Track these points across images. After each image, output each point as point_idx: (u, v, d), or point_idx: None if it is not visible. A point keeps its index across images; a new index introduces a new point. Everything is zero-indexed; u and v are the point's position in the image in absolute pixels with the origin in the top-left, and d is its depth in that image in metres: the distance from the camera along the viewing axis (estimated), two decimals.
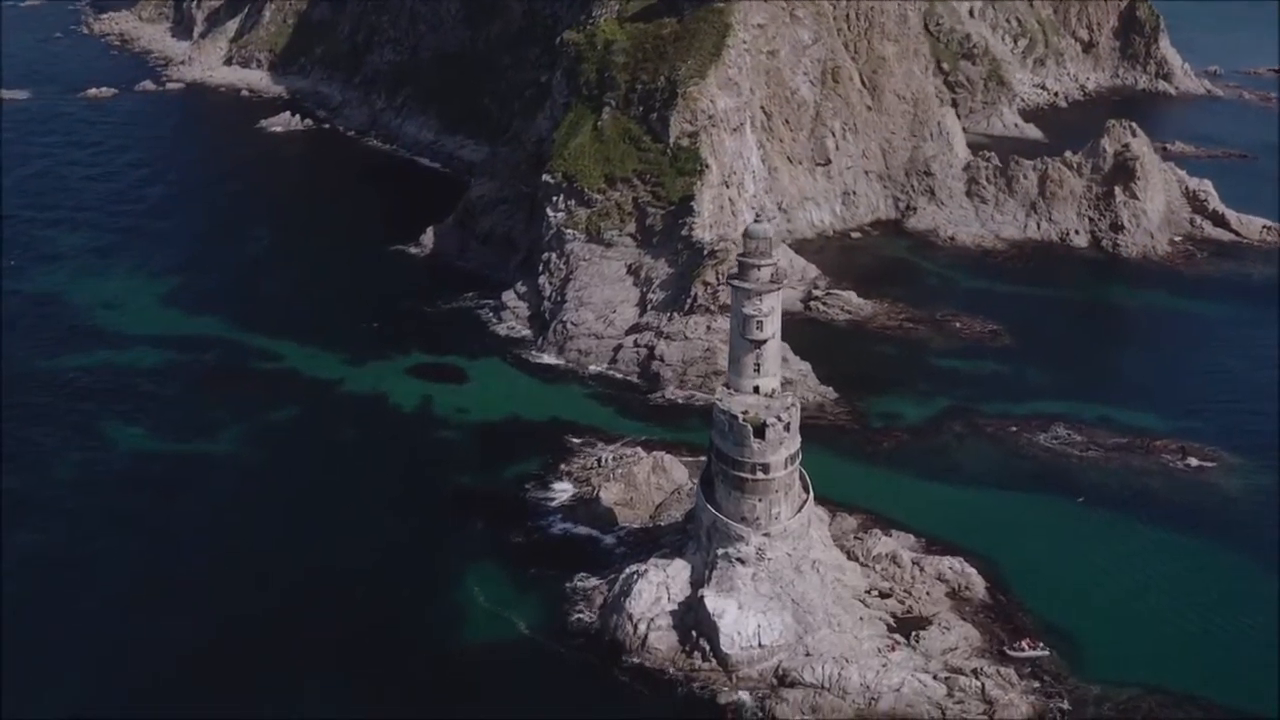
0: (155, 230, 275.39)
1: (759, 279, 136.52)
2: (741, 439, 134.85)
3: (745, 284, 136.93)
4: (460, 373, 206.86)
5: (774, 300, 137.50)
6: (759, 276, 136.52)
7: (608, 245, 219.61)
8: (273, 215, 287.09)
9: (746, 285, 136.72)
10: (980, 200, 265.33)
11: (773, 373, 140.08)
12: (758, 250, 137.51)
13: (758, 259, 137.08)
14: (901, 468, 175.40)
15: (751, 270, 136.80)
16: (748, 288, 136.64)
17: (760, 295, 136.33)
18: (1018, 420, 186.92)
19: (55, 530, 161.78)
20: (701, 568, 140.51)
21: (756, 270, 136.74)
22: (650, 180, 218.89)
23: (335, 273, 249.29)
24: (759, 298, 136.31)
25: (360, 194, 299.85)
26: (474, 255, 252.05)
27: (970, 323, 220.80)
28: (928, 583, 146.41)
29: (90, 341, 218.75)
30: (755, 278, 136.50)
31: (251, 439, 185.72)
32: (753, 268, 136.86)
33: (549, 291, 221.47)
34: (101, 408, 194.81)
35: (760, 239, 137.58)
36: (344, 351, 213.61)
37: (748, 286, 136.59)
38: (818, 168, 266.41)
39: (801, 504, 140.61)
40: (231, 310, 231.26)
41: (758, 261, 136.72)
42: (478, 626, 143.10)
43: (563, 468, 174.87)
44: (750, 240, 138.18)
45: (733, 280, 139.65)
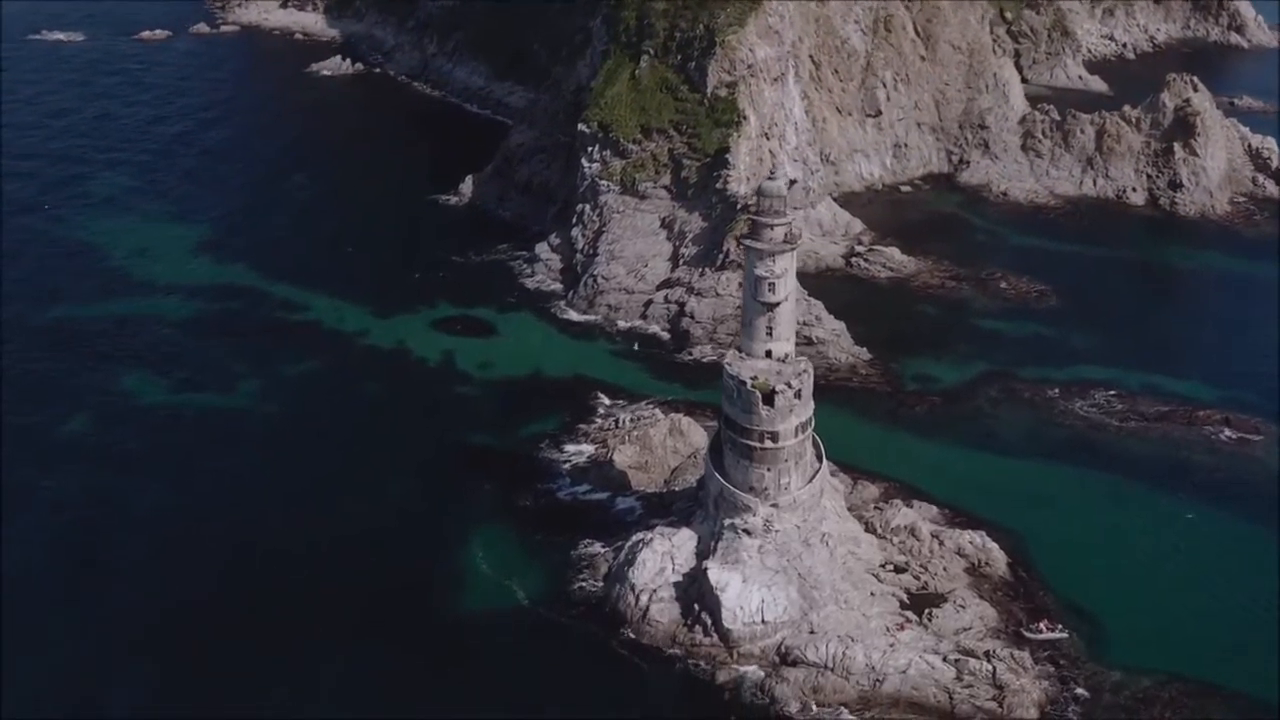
0: (195, 176, 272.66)
1: (772, 239, 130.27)
2: (750, 405, 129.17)
3: (758, 244, 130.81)
4: (487, 327, 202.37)
5: (787, 261, 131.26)
6: (772, 236, 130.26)
7: (642, 198, 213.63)
8: (314, 162, 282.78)
9: (759, 245, 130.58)
10: (1035, 155, 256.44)
11: (786, 337, 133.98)
12: (771, 209, 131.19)
13: (771, 218, 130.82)
14: (931, 434, 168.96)
15: (764, 229, 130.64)
16: (760, 248, 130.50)
17: (773, 256, 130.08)
18: (1057, 386, 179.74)
19: (66, 486, 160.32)
20: (708, 538, 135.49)
21: (770, 230, 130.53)
22: (686, 131, 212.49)
23: (371, 222, 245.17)
24: (771, 258, 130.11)
25: (404, 141, 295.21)
26: (512, 205, 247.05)
27: (1016, 282, 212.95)
28: (946, 557, 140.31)
29: (118, 290, 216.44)
30: (768, 237, 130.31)
31: (269, 393, 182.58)
32: (766, 227, 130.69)
33: (581, 244, 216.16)
34: (121, 359, 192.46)
35: (774, 197, 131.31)
36: (372, 303, 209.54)
37: (760, 246, 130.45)
38: (868, 119, 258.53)
39: (813, 474, 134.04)
40: (263, 259, 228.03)
41: (771, 220, 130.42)
42: (477, 594, 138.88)
43: (580, 428, 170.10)
44: (764, 198, 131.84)
45: (745, 240, 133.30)
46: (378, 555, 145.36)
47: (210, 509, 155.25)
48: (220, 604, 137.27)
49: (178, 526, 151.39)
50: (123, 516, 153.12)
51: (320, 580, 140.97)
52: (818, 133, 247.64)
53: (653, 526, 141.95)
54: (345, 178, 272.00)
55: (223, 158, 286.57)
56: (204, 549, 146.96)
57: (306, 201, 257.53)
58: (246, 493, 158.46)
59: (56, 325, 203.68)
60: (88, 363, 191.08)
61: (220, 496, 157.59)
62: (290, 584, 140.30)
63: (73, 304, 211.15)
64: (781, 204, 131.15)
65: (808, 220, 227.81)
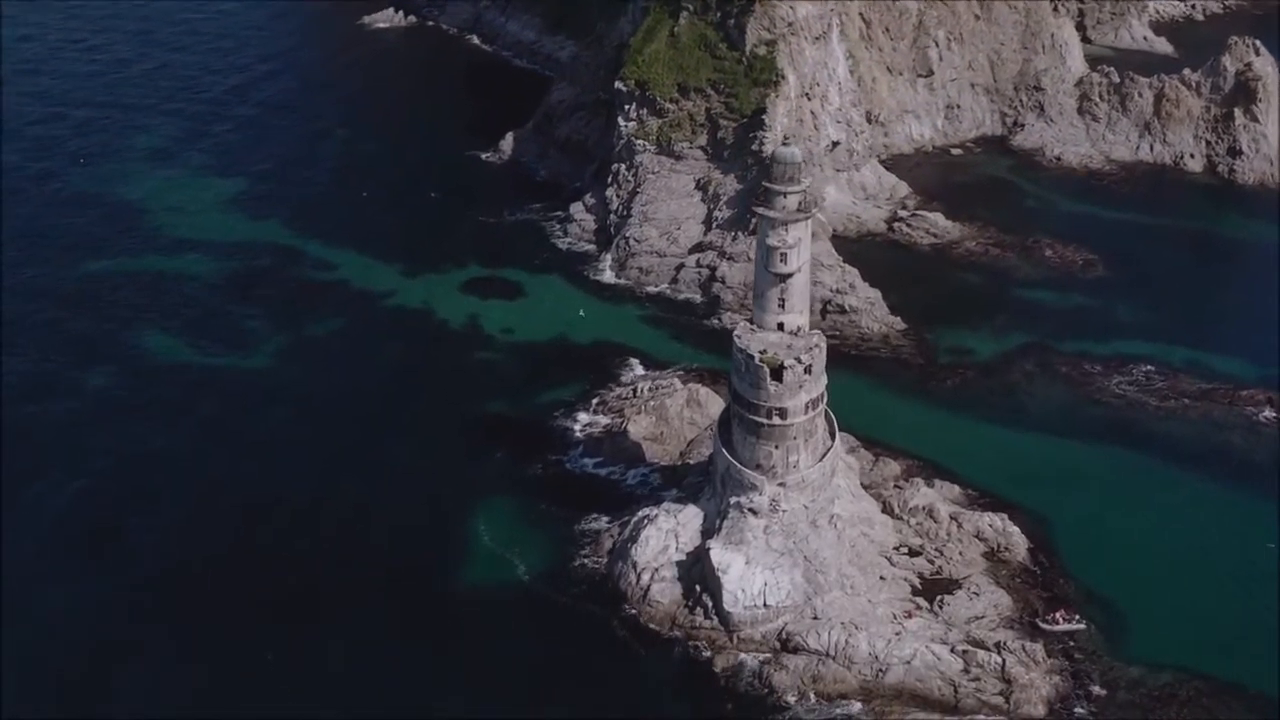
0: (242, 129, 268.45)
1: (785, 207, 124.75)
2: (758, 380, 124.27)
3: (770, 212, 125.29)
4: (515, 289, 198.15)
5: (801, 231, 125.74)
6: (785, 204, 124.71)
7: (677, 158, 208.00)
8: (357, 116, 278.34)
9: (771, 214, 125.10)
10: (1092, 118, 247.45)
11: (799, 309, 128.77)
12: (785, 176, 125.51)
13: (784, 185, 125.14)
14: (961, 409, 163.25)
15: (777, 198, 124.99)
16: (772, 216, 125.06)
17: (785, 225, 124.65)
18: (1097, 361, 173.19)
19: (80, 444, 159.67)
20: (714, 516, 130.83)
21: (782, 198, 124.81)
22: (724, 91, 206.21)
23: (409, 179, 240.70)
24: (784, 228, 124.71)
25: (451, 96, 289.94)
26: (551, 163, 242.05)
27: (1063, 250, 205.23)
28: (964, 541, 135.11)
29: (144, 244, 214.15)
30: (781, 205, 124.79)
31: (290, 354, 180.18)
32: (779, 195, 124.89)
33: (615, 205, 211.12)
34: (142, 316, 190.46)
35: (788, 164, 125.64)
36: (400, 262, 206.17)
37: (772, 215, 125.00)
38: (919, 79, 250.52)
39: (825, 452, 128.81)
40: (294, 215, 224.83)
41: (784, 188, 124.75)
42: (476, 567, 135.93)
43: (598, 396, 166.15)
44: (777, 165, 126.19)
45: (757, 208, 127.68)
46: (381, 522, 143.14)
47: (218, 471, 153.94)
48: (218, 566, 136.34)
49: (185, 488, 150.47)
50: (132, 478, 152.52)
51: (321, 546, 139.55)
52: (866, 93, 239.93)
53: (659, 502, 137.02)
54: (390, 133, 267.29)
55: (271, 111, 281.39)
56: (209, 510, 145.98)
57: (348, 157, 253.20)
58: (256, 455, 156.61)
59: (85, 281, 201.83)
60: (112, 320, 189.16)
61: (228, 459, 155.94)
62: (291, 548, 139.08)
63: (104, 259, 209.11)
64: (796, 171, 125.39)
65: (850, 183, 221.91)
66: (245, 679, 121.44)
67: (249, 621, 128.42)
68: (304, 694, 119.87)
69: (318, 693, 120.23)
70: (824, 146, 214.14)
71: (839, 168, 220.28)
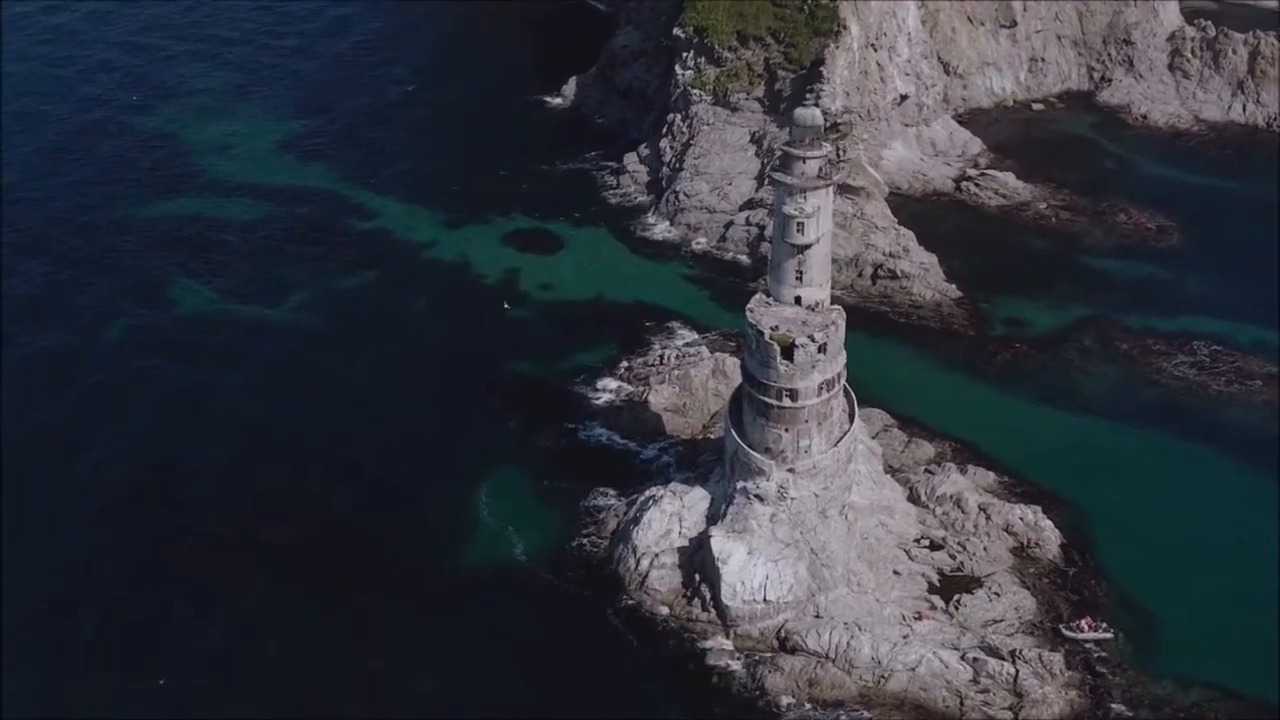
0: (296, 70, 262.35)
1: (803, 173, 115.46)
2: (767, 358, 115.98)
3: (787, 178, 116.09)
4: (558, 242, 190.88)
5: (820, 199, 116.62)
6: (804, 170, 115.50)
7: (733, 110, 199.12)
8: (422, 57, 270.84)
9: (788, 180, 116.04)
10: (1183, 75, 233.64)
11: (818, 282, 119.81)
12: (805, 139, 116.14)
13: (804, 150, 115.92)
14: (1008, 386, 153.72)
15: (795, 163, 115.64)
16: (790, 183, 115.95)
17: (804, 193, 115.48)
18: (1160, 337, 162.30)
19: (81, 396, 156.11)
20: (721, 500, 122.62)
21: (801, 163, 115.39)
22: (784, 40, 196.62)
23: (466, 124, 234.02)
24: (802, 195, 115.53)
25: (521, 38, 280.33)
26: (611, 110, 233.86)
27: (1138, 216, 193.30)
28: (991, 534, 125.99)
29: (187, 188, 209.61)
30: (799, 171, 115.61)
31: (315, 306, 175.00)
32: (797, 160, 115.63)
33: (669, 157, 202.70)
34: (174, 262, 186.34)
35: (807, 127, 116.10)
36: (444, 211, 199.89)
37: (790, 181, 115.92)
38: (1002, 30, 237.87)
39: (840, 436, 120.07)
40: (344, 160, 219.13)
41: (803, 153, 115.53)
42: (472, 545, 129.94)
43: (624, 362, 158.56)
44: (796, 127, 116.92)
45: (774, 174, 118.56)
46: (382, 488, 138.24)
47: (222, 427, 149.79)
48: (212, 525, 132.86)
49: (186, 443, 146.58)
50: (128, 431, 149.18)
51: (316, 510, 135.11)
52: (944, 44, 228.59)
53: (668, 482, 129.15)
54: (453, 76, 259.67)
55: (339, 54, 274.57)
56: (208, 467, 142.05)
57: (407, 100, 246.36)
58: (264, 412, 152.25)
59: (118, 224, 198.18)
60: (140, 266, 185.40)
61: (234, 415, 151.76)
62: (285, 509, 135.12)
63: (147, 202, 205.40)
64: (816, 134, 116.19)
65: (919, 139, 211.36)
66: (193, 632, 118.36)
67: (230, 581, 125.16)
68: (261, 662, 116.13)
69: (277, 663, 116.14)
70: (890, 100, 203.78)
71: (907, 122, 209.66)
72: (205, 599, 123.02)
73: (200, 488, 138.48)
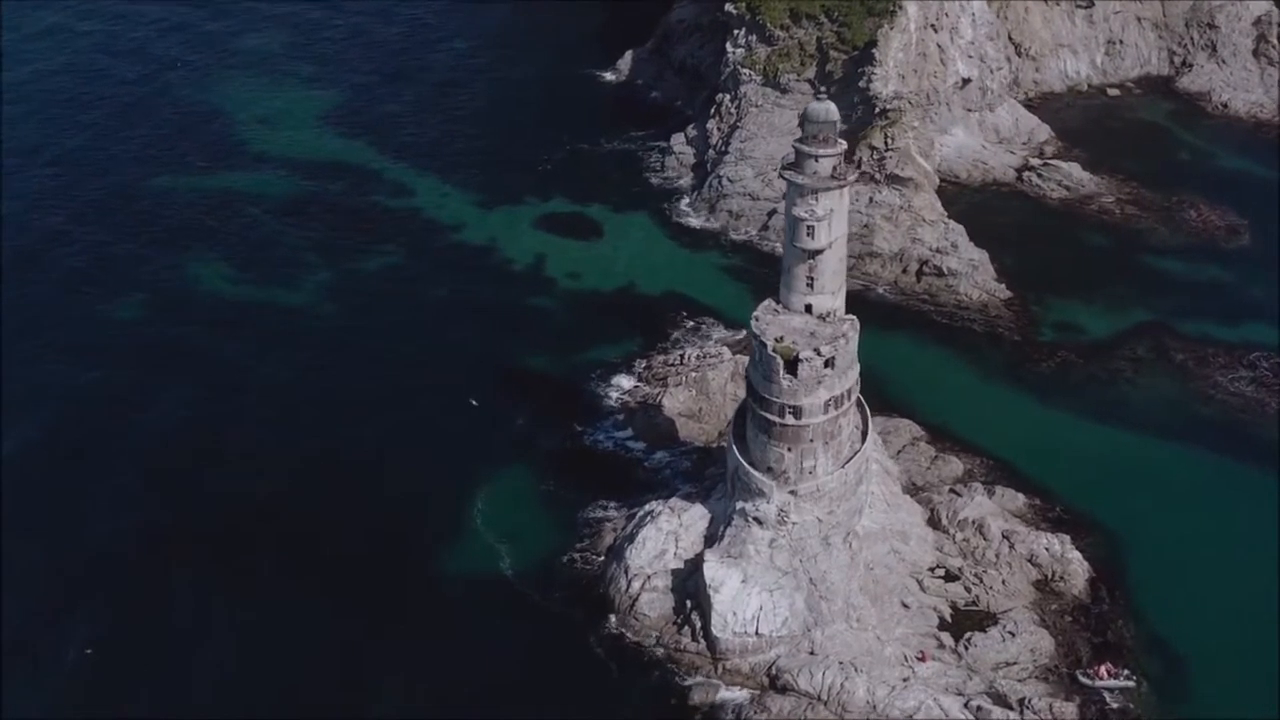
0: (348, 41, 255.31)
1: (816, 172, 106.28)
2: (770, 372, 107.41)
3: (798, 178, 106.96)
4: (593, 227, 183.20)
5: (833, 201, 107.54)
6: (816, 169, 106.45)
7: (783, 91, 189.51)
8: (483, 29, 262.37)
9: (799, 180, 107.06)
10: (1268, 62, 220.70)
11: (830, 290, 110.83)
12: (818, 136, 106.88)
13: (816, 147, 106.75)
14: (1051, 398, 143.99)
15: (807, 161, 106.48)
16: (801, 183, 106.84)
17: (815, 194, 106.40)
18: (1219, 347, 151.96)
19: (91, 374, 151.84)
20: (721, 520, 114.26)
21: (814, 161, 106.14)
22: (837, 19, 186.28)
23: (516, 100, 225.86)
24: (813, 196, 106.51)
25: (583, 10, 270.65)
26: (666, 87, 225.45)
27: (1208, 213, 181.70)
28: (1013, 565, 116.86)
29: (220, 159, 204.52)
30: (811, 170, 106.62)
31: (334, 290, 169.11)
32: (809, 158, 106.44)
33: (715, 139, 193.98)
34: (197, 239, 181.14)
35: (821, 123, 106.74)
36: (480, 191, 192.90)
37: (801, 181, 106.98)
38: (1078, 10, 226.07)
39: (850, 457, 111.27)
40: (385, 135, 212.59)
41: (816, 150, 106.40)
42: (460, 555, 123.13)
43: (644, 360, 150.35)
44: (809, 123, 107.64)
45: (785, 172, 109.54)
46: (378, 488, 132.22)
47: (224, 413, 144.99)
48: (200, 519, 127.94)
49: (185, 430, 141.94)
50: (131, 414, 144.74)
51: (308, 506, 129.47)
52: (1017, 24, 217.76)
53: (671, 495, 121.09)
54: (511, 48, 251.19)
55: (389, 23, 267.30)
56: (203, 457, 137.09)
57: (460, 74, 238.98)
58: (268, 399, 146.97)
59: (150, 196, 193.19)
60: (161, 242, 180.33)
61: (239, 401, 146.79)
62: (278, 505, 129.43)
63: (176, 172, 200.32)
64: (830, 130, 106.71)
65: (982, 125, 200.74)
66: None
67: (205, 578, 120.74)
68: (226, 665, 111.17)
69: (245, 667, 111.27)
70: (951, 84, 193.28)
71: (969, 107, 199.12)
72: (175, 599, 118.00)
73: (178, 479, 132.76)
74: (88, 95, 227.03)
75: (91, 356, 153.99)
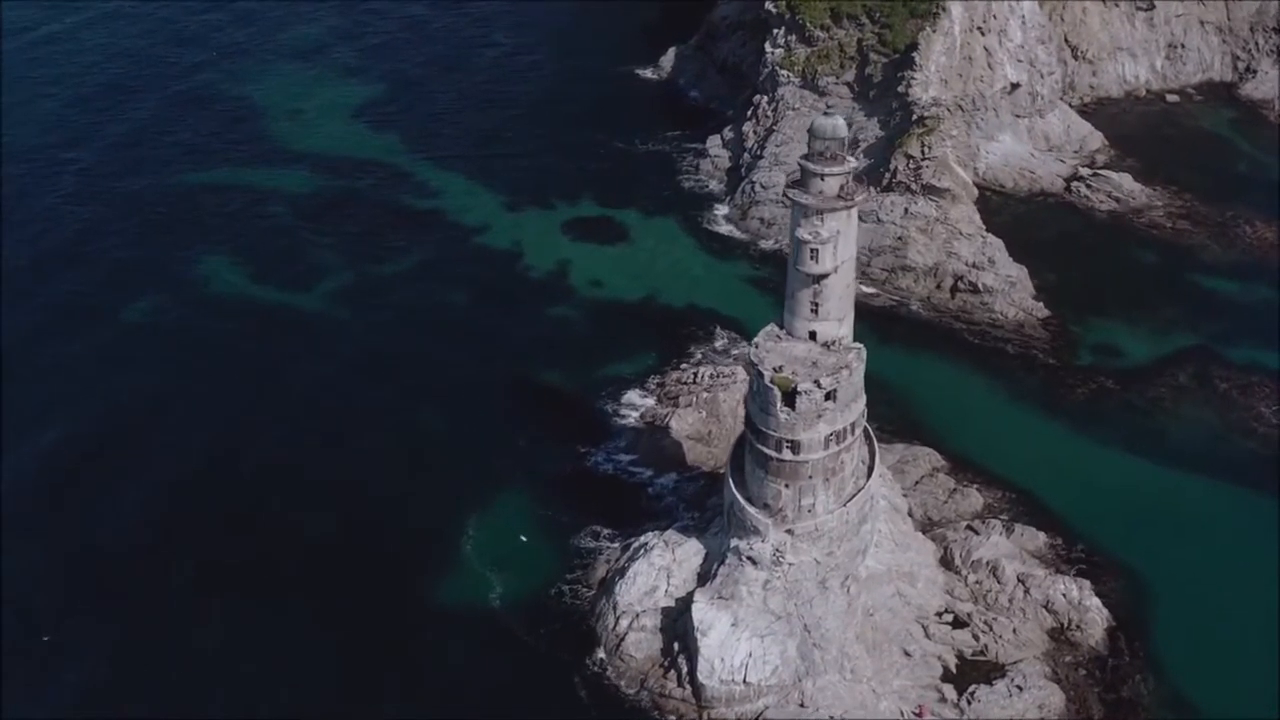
0: (387, 30, 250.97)
1: (821, 191, 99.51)
2: (767, 404, 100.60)
3: (803, 197, 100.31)
4: (621, 232, 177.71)
5: (840, 223, 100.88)
6: (821, 189, 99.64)
7: (821, 94, 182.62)
8: (527, 22, 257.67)
9: (804, 200, 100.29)
10: None
11: (836, 316, 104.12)
12: (824, 153, 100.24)
13: (822, 164, 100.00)
14: (1084, 427, 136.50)
15: (813, 179, 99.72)
16: (805, 202, 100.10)
17: (820, 214, 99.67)
18: (1267, 376, 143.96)
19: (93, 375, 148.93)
20: (717, 556, 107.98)
21: (819, 180, 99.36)
22: (879, 20, 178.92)
23: (554, 97, 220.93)
24: (818, 217, 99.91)
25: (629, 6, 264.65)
26: (708, 86, 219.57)
27: (1264, 230, 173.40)
28: (1027, 611, 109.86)
29: (249, 155, 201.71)
30: (817, 189, 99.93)
31: (349, 294, 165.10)
32: (815, 176, 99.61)
33: (750, 143, 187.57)
34: (214, 238, 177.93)
35: (828, 138, 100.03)
36: (507, 192, 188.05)
37: (805, 201, 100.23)
38: (1139, 12, 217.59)
39: (853, 495, 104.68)
40: (416, 131, 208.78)
41: (822, 168, 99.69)
42: (447, 585, 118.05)
43: (658, 376, 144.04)
44: (815, 139, 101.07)
45: (789, 190, 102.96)
46: (366, 507, 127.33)
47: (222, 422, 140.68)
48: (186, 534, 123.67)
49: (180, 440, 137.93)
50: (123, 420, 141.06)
51: (295, 528, 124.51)
52: (1074, 26, 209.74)
53: (670, 525, 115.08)
54: (554, 43, 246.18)
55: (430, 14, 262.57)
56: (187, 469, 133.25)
57: (498, 69, 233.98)
58: (269, 409, 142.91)
59: (168, 192, 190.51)
60: (177, 240, 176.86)
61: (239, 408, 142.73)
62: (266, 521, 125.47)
63: (202, 168, 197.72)
64: (838, 147, 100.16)
65: (1031, 131, 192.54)
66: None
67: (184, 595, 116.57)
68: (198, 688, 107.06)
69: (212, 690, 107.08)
70: (999, 89, 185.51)
71: (1018, 113, 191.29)
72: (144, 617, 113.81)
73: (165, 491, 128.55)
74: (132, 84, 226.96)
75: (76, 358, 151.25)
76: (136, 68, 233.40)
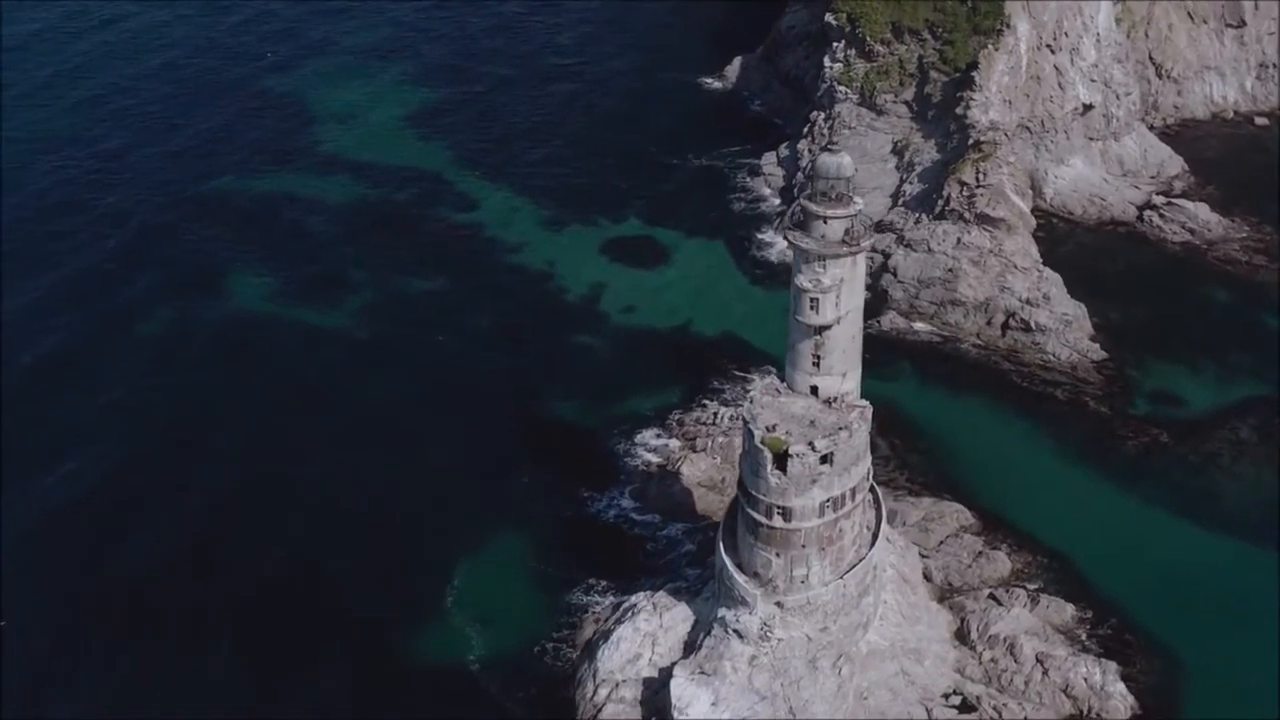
0: (445, 33, 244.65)
1: (824, 235, 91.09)
2: (757, 466, 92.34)
3: (804, 241, 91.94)
4: (662, 254, 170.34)
5: (844, 270, 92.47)
6: (824, 233, 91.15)
7: (878, 113, 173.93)
8: (593, 24, 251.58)
9: (804, 244, 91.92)
10: None
11: (839, 370, 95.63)
12: (829, 193, 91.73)
13: (826, 206, 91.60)
14: (1132, 486, 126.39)
15: (815, 222, 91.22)
16: (806, 247, 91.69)
17: (822, 260, 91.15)
18: None
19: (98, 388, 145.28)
20: (704, 625, 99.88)
21: (822, 223, 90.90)
22: (941, 37, 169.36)
23: (610, 106, 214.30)
24: (820, 263, 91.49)
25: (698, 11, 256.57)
26: (771, 98, 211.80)
27: None
28: (1044, 695, 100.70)
29: (290, 161, 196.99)
30: (819, 233, 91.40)
31: (372, 312, 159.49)
32: (817, 218, 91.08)
33: (805, 162, 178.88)
34: (245, 249, 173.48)
35: (833, 178, 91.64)
36: (551, 207, 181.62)
37: (806, 246, 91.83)
38: (1228, 30, 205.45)
39: (852, 565, 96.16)
40: (465, 140, 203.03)
41: (825, 210, 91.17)
42: (424, 640, 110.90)
43: (679, 414, 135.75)
44: (819, 179, 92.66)
45: (788, 233, 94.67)
46: (349, 547, 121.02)
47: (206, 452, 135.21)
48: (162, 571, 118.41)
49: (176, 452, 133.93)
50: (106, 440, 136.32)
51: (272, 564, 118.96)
52: (1159, 43, 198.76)
53: (662, 585, 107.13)
54: (617, 49, 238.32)
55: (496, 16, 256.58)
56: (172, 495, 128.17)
57: (557, 75, 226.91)
58: (260, 435, 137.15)
59: (205, 200, 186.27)
60: (207, 250, 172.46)
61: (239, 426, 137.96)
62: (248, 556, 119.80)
63: (236, 173, 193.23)
64: (844, 186, 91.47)
65: (1105, 155, 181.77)
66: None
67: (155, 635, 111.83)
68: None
69: None
70: (1070, 110, 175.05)
71: (1091, 136, 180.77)
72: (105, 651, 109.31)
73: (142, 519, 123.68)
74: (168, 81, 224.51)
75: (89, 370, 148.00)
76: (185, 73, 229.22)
